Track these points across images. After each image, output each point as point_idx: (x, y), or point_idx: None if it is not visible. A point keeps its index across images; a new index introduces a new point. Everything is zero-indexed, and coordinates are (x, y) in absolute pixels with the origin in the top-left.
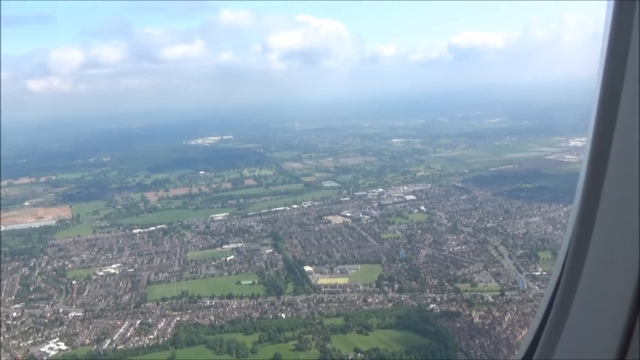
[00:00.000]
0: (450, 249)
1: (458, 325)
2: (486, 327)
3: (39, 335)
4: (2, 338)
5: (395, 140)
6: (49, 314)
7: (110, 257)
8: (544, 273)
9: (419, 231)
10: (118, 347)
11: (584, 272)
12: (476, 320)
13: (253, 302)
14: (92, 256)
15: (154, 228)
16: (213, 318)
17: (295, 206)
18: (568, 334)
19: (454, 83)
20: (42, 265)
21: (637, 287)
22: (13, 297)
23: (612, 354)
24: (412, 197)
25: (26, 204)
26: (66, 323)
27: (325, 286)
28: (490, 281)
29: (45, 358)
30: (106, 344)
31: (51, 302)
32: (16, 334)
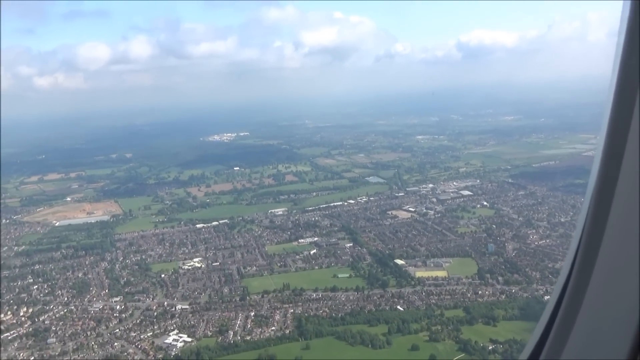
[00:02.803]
0: (536, 243)
1: None
2: None
3: (155, 327)
4: (117, 330)
5: (419, 137)
6: (154, 307)
7: (187, 251)
8: None
9: (494, 226)
10: (245, 338)
11: (595, 270)
12: None
13: (360, 295)
14: (168, 250)
15: (216, 223)
16: (328, 310)
17: (351, 201)
18: (577, 333)
19: (462, 81)
20: (120, 260)
21: None
22: (107, 291)
23: (624, 355)
24: (467, 192)
25: (68, 199)
26: (177, 315)
27: (427, 279)
28: None
29: (176, 351)
30: (230, 336)
31: (151, 296)
32: (130, 326)
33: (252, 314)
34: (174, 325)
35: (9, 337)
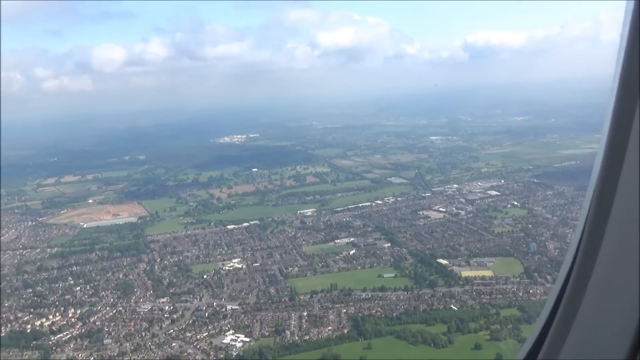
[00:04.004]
0: None
1: None
2: None
3: (210, 327)
4: (172, 330)
5: (433, 137)
6: (204, 308)
7: (223, 252)
8: None
9: (529, 225)
10: (304, 338)
11: (595, 268)
12: None
13: (410, 294)
14: (204, 251)
15: (247, 224)
16: (381, 310)
17: (379, 202)
18: (576, 332)
19: (467, 82)
20: (157, 261)
21: None
22: (152, 292)
23: (623, 354)
24: (494, 192)
25: (90, 201)
26: (229, 316)
27: (474, 278)
28: None
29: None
30: (288, 335)
31: (197, 296)
32: (184, 326)
33: (305, 314)
34: (228, 326)
35: (63, 339)
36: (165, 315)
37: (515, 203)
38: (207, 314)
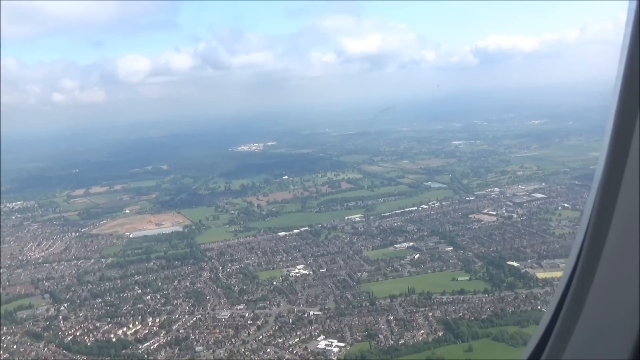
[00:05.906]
0: None
1: None
2: None
3: (299, 333)
4: (261, 337)
5: (456, 142)
6: (285, 314)
7: (284, 258)
8: None
9: None
10: (400, 342)
11: (598, 269)
12: None
13: (492, 297)
14: (263, 259)
15: (297, 230)
16: (468, 312)
17: (424, 206)
18: (579, 333)
19: (475, 86)
20: (220, 268)
21: None
22: (225, 299)
23: (626, 355)
24: (540, 195)
25: (127, 211)
26: (314, 321)
27: (552, 279)
28: None
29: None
30: (382, 340)
31: (274, 303)
32: (271, 332)
33: (391, 317)
34: (317, 331)
35: (152, 347)
36: (249, 322)
37: (566, 205)
38: (290, 320)
